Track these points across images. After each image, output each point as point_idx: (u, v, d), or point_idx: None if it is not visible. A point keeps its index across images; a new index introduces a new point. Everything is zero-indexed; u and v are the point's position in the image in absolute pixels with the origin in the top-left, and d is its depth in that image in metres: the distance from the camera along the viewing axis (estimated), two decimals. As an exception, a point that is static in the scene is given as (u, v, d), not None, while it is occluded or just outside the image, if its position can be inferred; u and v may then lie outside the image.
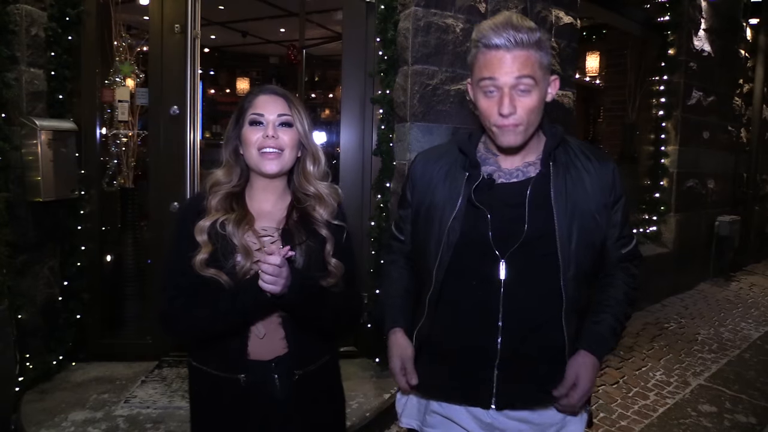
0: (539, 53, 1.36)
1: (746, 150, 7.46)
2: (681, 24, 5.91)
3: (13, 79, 3.03)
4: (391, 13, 3.45)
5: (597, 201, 1.46)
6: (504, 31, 1.33)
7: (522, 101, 1.36)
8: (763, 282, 6.89)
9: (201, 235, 1.48)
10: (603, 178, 1.47)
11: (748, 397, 3.66)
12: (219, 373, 1.55)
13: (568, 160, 1.47)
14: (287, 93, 1.58)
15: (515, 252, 1.41)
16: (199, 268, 1.46)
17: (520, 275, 1.42)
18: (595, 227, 1.45)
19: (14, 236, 2.97)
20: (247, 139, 1.53)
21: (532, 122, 1.40)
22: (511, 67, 1.33)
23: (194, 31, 3.51)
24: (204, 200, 1.54)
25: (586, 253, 1.44)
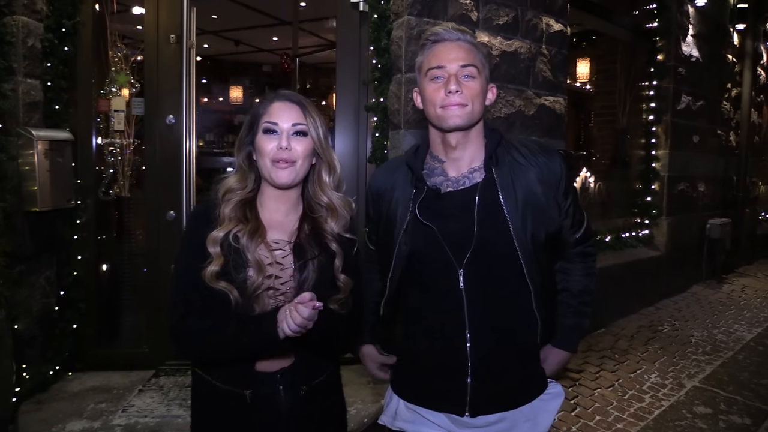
0: (479, 53, 1.50)
1: (735, 153, 7.54)
2: (669, 30, 5.98)
3: (10, 89, 3.06)
4: (384, 22, 3.49)
5: (545, 193, 1.49)
6: (450, 29, 1.49)
7: (467, 85, 1.45)
8: (755, 284, 6.95)
9: (214, 247, 1.44)
10: (549, 170, 1.51)
11: (742, 398, 3.69)
12: (224, 386, 1.51)
13: (511, 159, 1.51)
14: (302, 99, 1.54)
15: (471, 259, 1.44)
16: (210, 280, 1.42)
17: (481, 281, 1.46)
18: (547, 218, 1.49)
19: (11, 246, 2.97)
20: (262, 148, 1.49)
21: (476, 110, 1.46)
22: (457, 55, 1.45)
23: (190, 41, 3.55)
24: (216, 208, 1.49)
25: (542, 244, 1.48)
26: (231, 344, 1.43)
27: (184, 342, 1.50)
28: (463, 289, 1.45)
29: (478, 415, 1.49)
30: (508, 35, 3.87)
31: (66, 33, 3.35)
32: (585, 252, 1.67)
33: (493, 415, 1.50)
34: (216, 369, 1.52)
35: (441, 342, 1.50)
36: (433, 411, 1.54)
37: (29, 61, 3.21)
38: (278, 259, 1.49)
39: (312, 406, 1.57)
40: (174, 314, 1.48)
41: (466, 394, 1.48)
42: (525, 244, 1.44)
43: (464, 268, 1.45)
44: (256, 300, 1.45)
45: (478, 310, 1.46)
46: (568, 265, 1.66)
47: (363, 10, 3.61)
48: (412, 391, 1.60)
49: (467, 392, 1.48)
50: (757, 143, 8.31)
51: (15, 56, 3.12)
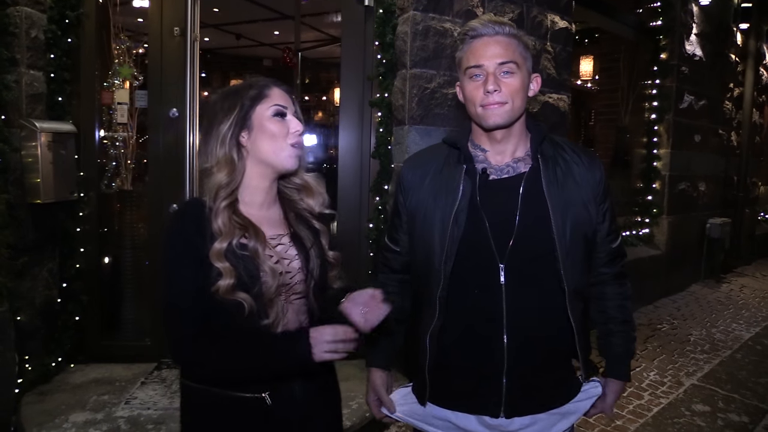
0: (519, 45, 1.45)
1: (737, 153, 7.55)
2: (673, 28, 5.98)
3: (13, 81, 3.05)
4: (390, 18, 3.48)
5: (587, 193, 1.48)
6: (487, 23, 1.44)
7: (506, 82, 1.41)
8: (753, 284, 6.98)
9: (221, 262, 1.33)
10: (591, 171, 1.50)
11: (740, 397, 3.71)
12: (239, 394, 1.42)
13: (555, 154, 1.49)
14: (290, 87, 1.53)
15: (512, 253, 1.41)
16: (225, 293, 1.32)
17: (521, 278, 1.42)
18: (587, 218, 1.48)
19: (14, 238, 2.97)
20: (274, 131, 1.42)
21: (516, 106, 1.43)
22: (495, 52, 1.42)
23: (194, 33, 3.53)
24: (204, 208, 1.38)
25: (580, 245, 1.46)
26: (256, 371, 1.37)
27: (197, 369, 1.41)
28: (504, 285, 1.41)
29: (514, 416, 1.47)
30: (512, 32, 3.86)
31: (69, 24, 3.33)
32: (621, 273, 1.63)
33: (527, 418, 1.49)
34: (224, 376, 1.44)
35: (477, 340, 1.47)
36: (464, 413, 1.51)
37: (32, 52, 3.20)
38: (282, 254, 1.45)
39: (321, 398, 1.56)
40: (181, 337, 1.37)
41: (502, 394, 1.45)
42: (564, 241, 1.42)
43: (506, 263, 1.41)
44: (271, 304, 1.39)
45: (516, 308, 1.42)
46: (604, 288, 1.62)
47: (368, 5, 3.60)
48: (442, 392, 1.55)
49: (503, 393, 1.45)
50: (758, 143, 8.32)
51: (18, 47, 3.11)
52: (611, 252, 1.59)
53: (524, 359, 1.44)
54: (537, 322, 1.45)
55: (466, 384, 1.51)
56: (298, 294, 1.47)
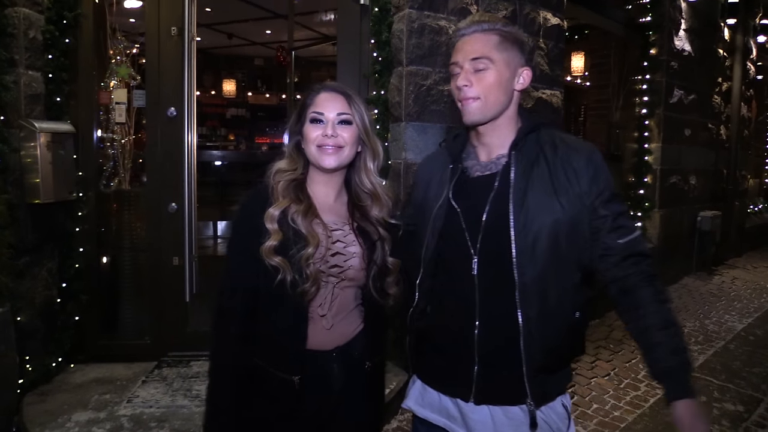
0: (499, 38, 1.46)
1: (726, 147, 7.64)
2: (662, 24, 6.05)
3: (12, 81, 3.05)
4: (385, 16, 3.51)
5: (566, 193, 1.42)
6: (470, 22, 1.49)
7: (479, 77, 1.44)
8: (744, 275, 7.07)
9: (271, 223, 1.49)
10: (577, 169, 1.44)
11: (735, 387, 3.77)
12: (270, 369, 1.56)
13: (539, 148, 1.47)
14: (347, 90, 1.60)
15: (482, 246, 1.45)
16: (267, 254, 1.47)
17: (492, 269, 1.44)
18: (564, 218, 1.42)
19: (14, 238, 2.97)
20: (308, 136, 1.56)
21: (491, 101, 1.45)
22: (468, 48, 1.46)
23: (191, 33, 3.55)
24: (268, 190, 1.55)
25: (548, 243, 1.41)
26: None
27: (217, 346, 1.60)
28: (476, 275, 1.45)
29: (483, 403, 1.48)
30: (506, 29, 3.90)
31: (67, 25, 3.33)
32: (647, 276, 1.46)
33: (498, 409, 1.48)
34: (261, 349, 1.57)
35: (454, 327, 1.51)
36: (442, 395, 1.56)
37: (31, 53, 3.20)
38: (340, 237, 1.56)
39: (361, 384, 1.64)
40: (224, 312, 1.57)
41: (473, 380, 1.48)
42: (522, 236, 1.40)
43: (478, 255, 1.45)
44: (314, 280, 1.49)
45: (487, 298, 1.44)
46: (633, 295, 1.46)
47: (364, 3, 3.63)
48: (427, 371, 1.62)
49: (473, 379, 1.47)
50: (746, 137, 8.41)
51: (16, 48, 3.11)
52: (622, 249, 1.45)
53: (494, 350, 1.46)
54: (507, 315, 1.43)
55: (443, 366, 1.57)
56: (352, 282, 1.58)
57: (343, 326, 1.60)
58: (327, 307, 1.55)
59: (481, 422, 1.48)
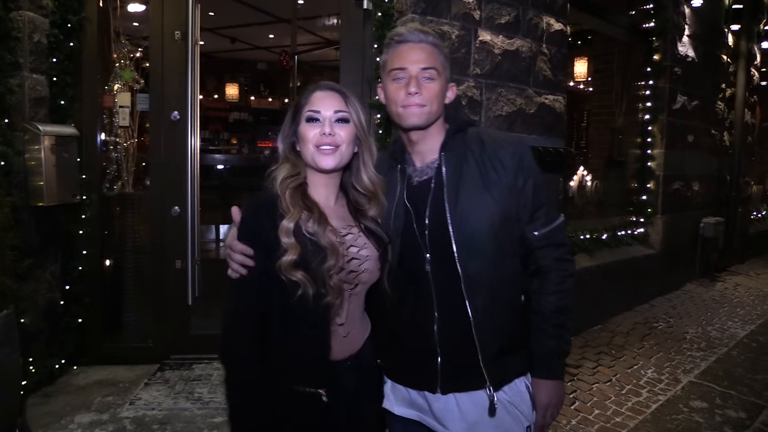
0: (441, 54, 1.55)
1: (729, 153, 7.62)
2: (666, 30, 6.04)
3: (17, 85, 3.07)
4: (388, 21, 3.51)
5: (497, 185, 1.52)
6: (413, 30, 1.55)
7: (427, 86, 1.51)
8: (747, 282, 7.04)
9: (288, 237, 1.42)
10: (503, 161, 1.54)
11: (737, 393, 3.75)
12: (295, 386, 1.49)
13: (466, 148, 1.57)
14: (343, 89, 1.56)
15: (430, 245, 1.54)
16: (287, 270, 1.40)
17: (442, 266, 1.53)
18: (496, 210, 1.51)
19: (17, 240, 2.98)
20: (305, 135, 1.51)
21: (434, 110, 1.53)
22: (418, 57, 1.52)
23: (194, 37, 3.57)
24: (277, 202, 1.47)
25: (486, 236, 1.51)
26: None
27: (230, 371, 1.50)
28: (429, 272, 1.54)
29: (449, 392, 1.56)
30: (509, 34, 3.91)
31: (71, 29, 3.36)
32: (558, 262, 1.61)
33: (464, 395, 1.56)
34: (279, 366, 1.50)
35: (415, 323, 1.58)
36: (410, 389, 1.63)
37: (35, 56, 3.23)
38: (352, 242, 1.52)
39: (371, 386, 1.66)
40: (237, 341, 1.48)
41: (437, 372, 1.55)
42: (460, 232, 1.50)
43: (430, 253, 1.54)
44: (338, 291, 1.45)
45: (442, 293, 1.54)
46: (538, 281, 1.61)
47: (367, 8, 3.63)
48: (394, 369, 1.67)
49: (438, 370, 1.55)
50: (750, 143, 8.40)
51: (21, 52, 3.14)
52: (540, 240, 1.59)
53: (452, 341, 1.55)
54: (459, 307, 1.53)
55: (408, 362, 1.62)
56: (365, 285, 1.56)
57: (357, 332, 1.59)
58: (345, 315, 1.53)
59: (448, 410, 1.57)
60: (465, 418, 1.55)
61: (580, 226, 5.52)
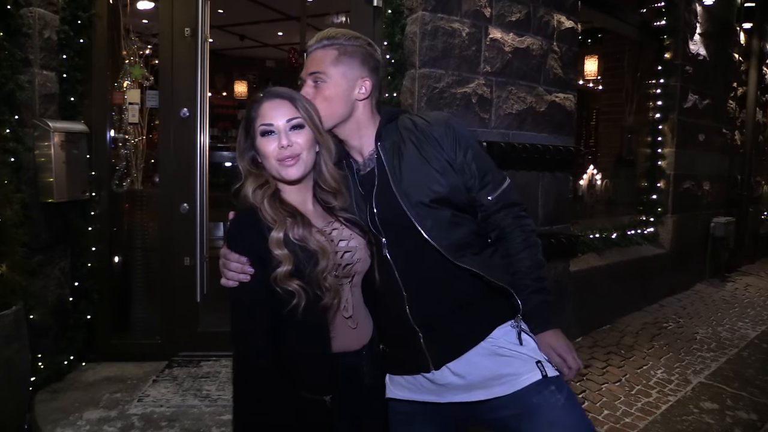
0: (337, 53, 1.58)
1: (740, 152, 7.56)
2: (677, 28, 6.00)
3: (27, 81, 3.08)
4: (399, 18, 3.50)
5: (438, 160, 1.57)
6: (315, 39, 1.63)
7: (317, 89, 1.57)
8: (758, 282, 6.99)
9: (280, 249, 1.40)
10: (438, 137, 1.58)
11: (748, 395, 3.72)
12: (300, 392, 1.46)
13: (398, 137, 1.60)
14: (290, 92, 1.52)
15: (385, 231, 1.58)
16: (282, 280, 1.39)
17: (399, 248, 1.57)
18: (440, 186, 1.56)
19: (27, 237, 2.99)
20: (264, 151, 1.48)
21: (330, 111, 1.57)
22: (308, 63, 1.62)
23: (204, 34, 3.56)
24: (258, 214, 1.45)
25: (443, 210, 1.56)
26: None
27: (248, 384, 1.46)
28: (388, 256, 1.57)
29: (442, 365, 1.58)
30: (520, 32, 3.89)
31: (81, 25, 3.36)
32: (517, 220, 1.66)
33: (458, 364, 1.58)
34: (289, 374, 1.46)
35: (389, 310, 1.62)
36: (407, 376, 1.65)
37: (45, 53, 3.23)
38: (339, 237, 1.54)
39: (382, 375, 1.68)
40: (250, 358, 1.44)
41: (424, 350, 1.59)
42: (420, 213, 1.53)
43: (385, 238, 1.58)
44: (334, 291, 1.45)
45: (406, 274, 1.57)
46: (505, 242, 1.65)
47: (377, 5, 3.62)
48: (387, 362, 1.69)
49: (424, 350, 1.59)
50: (761, 142, 8.33)
51: (31, 48, 3.14)
52: (494, 204, 1.63)
53: (428, 313, 1.59)
54: (427, 282, 1.58)
55: (397, 351, 1.66)
56: (361, 274, 1.58)
57: (365, 322, 1.61)
58: (351, 308, 1.55)
59: (447, 383, 1.59)
60: (470, 381, 1.57)
61: (590, 225, 5.48)
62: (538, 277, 1.64)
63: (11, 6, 2.92)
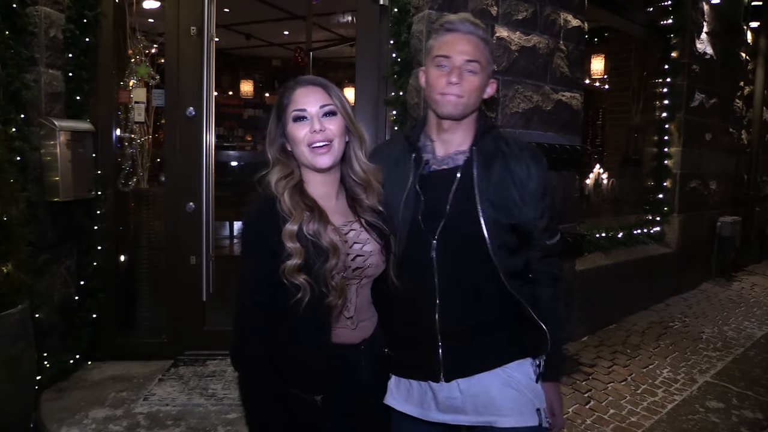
0: (486, 49, 1.56)
1: (747, 151, 7.52)
2: (684, 27, 5.96)
3: (33, 80, 3.09)
4: (405, 17, 3.49)
5: (524, 188, 1.55)
6: (464, 21, 1.55)
7: (468, 78, 1.52)
8: (764, 282, 6.95)
9: (292, 242, 1.40)
10: (532, 169, 1.57)
11: (754, 394, 3.70)
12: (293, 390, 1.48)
13: (495, 148, 1.58)
14: (323, 81, 1.53)
15: (443, 232, 1.52)
16: (290, 273, 1.39)
17: (451, 253, 1.53)
18: (519, 212, 1.54)
19: (33, 236, 2.99)
20: (295, 137, 1.47)
21: (471, 102, 1.55)
22: (464, 49, 1.52)
23: (210, 33, 3.56)
24: (276, 204, 1.45)
25: (510, 235, 1.55)
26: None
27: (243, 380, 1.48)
28: (435, 258, 1.53)
29: (453, 379, 1.55)
30: (526, 30, 3.87)
31: (87, 24, 3.36)
32: (555, 274, 1.68)
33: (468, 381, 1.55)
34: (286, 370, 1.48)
35: (414, 311, 1.58)
36: (413, 380, 1.62)
37: (51, 51, 3.23)
38: (355, 239, 1.51)
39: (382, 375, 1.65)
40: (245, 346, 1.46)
41: (440, 359, 1.55)
42: (492, 229, 1.51)
43: (437, 239, 1.53)
44: (340, 291, 1.45)
45: (448, 281, 1.53)
46: (536, 289, 1.65)
47: (383, 4, 3.61)
48: (397, 362, 1.66)
49: (440, 359, 1.55)
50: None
51: (37, 47, 3.15)
52: (546, 248, 1.64)
53: (456, 326, 1.55)
54: (468, 294, 1.55)
55: (410, 352, 1.61)
56: (371, 278, 1.55)
57: (366, 323, 1.59)
58: (353, 309, 1.53)
59: (451, 398, 1.56)
60: (473, 402, 1.55)
61: (596, 224, 5.46)
62: (562, 329, 1.66)
63: (17, 5, 2.93)
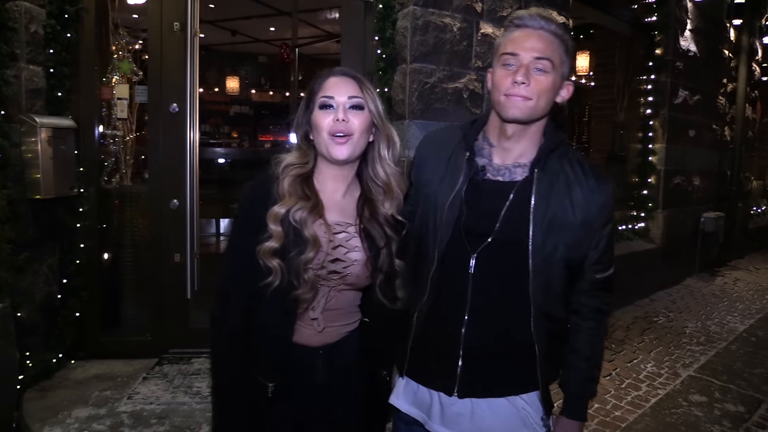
0: (561, 46, 1.41)
1: (730, 148, 7.59)
2: (668, 24, 6.00)
3: (13, 76, 3.04)
4: (390, 13, 3.48)
5: (583, 216, 1.42)
6: (535, 15, 1.41)
7: (537, 78, 1.37)
8: (747, 277, 7.05)
9: (275, 224, 1.40)
10: (594, 195, 1.43)
11: (736, 387, 3.75)
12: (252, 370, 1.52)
13: (560, 169, 1.44)
14: (357, 74, 1.51)
15: (485, 249, 1.43)
16: (264, 255, 1.40)
17: (490, 273, 1.44)
18: (574, 243, 1.43)
19: (14, 234, 2.96)
20: (318, 123, 1.45)
21: (541, 106, 1.39)
22: (533, 45, 1.38)
23: (194, 28, 3.53)
24: (274, 184, 1.45)
25: (560, 267, 1.43)
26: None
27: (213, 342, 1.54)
28: (472, 274, 1.43)
29: (466, 396, 1.48)
30: (511, 27, 3.87)
31: (68, 19, 3.31)
32: (601, 308, 1.56)
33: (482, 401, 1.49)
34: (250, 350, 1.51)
35: (442, 318, 1.50)
36: (422, 386, 1.56)
37: (32, 47, 3.19)
38: (342, 242, 1.47)
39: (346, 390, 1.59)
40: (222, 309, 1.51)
41: (457, 374, 1.48)
42: (539, 259, 1.40)
43: (478, 255, 1.43)
44: (311, 286, 1.43)
45: (481, 298, 1.44)
46: (579, 321, 1.56)
47: (368, 0, 3.61)
48: (413, 368, 1.60)
49: (458, 375, 1.48)
50: (750, 138, 8.37)
51: (17, 42, 3.09)
52: (595, 282, 1.52)
53: (480, 346, 1.46)
54: (499, 318, 1.47)
55: (428, 361, 1.55)
56: (351, 286, 1.51)
57: (336, 329, 1.55)
58: (320, 310, 1.49)
59: (459, 414, 1.49)
60: (479, 425, 1.48)
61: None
62: (595, 365, 1.57)
63: (-4, 0, 2.89)
